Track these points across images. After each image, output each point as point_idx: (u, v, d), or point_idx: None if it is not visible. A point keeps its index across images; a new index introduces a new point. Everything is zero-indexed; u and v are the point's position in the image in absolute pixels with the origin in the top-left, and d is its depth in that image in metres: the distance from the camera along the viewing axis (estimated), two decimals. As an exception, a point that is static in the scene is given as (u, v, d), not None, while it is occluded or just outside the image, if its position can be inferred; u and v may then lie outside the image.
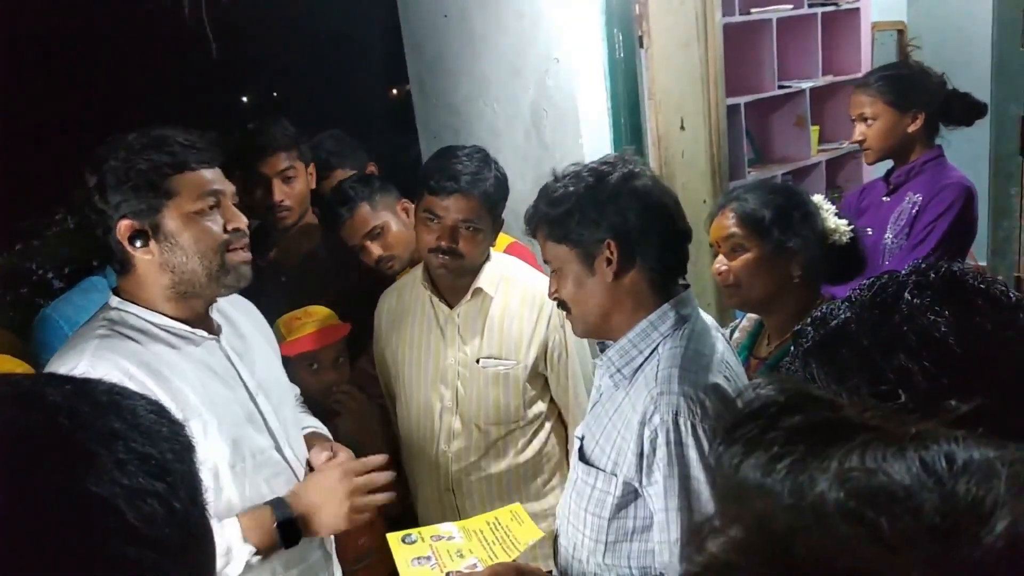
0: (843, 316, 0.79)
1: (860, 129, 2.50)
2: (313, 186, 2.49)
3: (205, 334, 1.55)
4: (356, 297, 2.38)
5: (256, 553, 1.46)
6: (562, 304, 1.51)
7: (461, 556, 1.56)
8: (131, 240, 1.45)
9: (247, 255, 1.53)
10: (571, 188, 1.44)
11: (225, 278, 1.51)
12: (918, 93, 2.44)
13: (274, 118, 2.43)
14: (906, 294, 0.76)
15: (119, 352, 1.44)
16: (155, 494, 0.56)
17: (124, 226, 1.44)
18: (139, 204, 1.43)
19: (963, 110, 2.47)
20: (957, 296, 0.76)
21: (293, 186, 2.39)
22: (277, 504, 1.51)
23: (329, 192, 2.42)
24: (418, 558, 1.57)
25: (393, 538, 1.65)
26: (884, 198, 2.54)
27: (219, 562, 1.37)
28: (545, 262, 1.53)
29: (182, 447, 0.62)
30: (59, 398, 0.58)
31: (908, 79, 2.48)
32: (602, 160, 1.50)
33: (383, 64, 3.92)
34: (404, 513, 2.17)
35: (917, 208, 2.42)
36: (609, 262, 1.41)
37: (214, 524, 1.33)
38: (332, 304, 2.27)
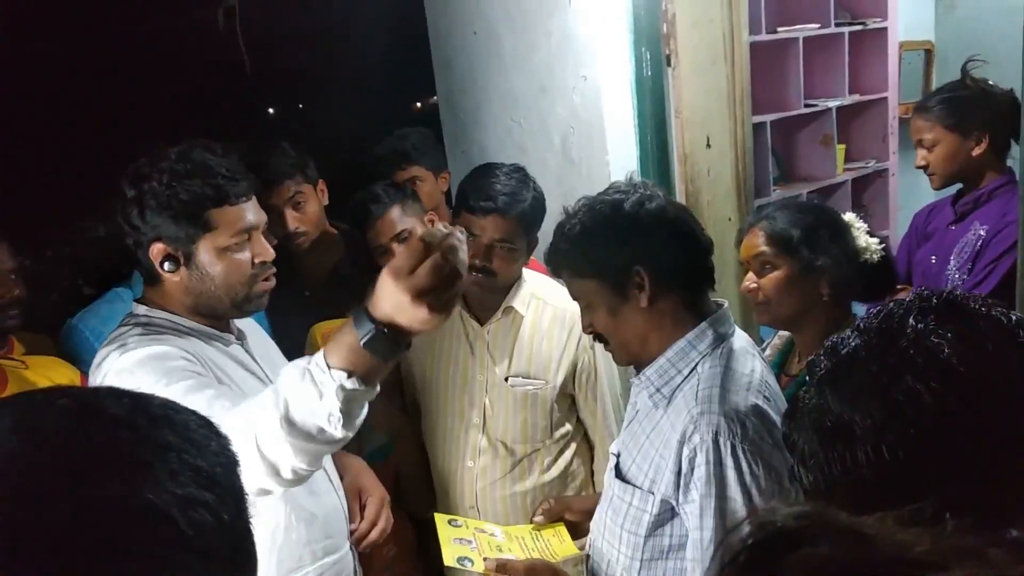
0: (853, 344, 0.83)
1: (922, 155, 2.39)
2: (326, 202, 2.48)
3: (232, 337, 1.61)
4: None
5: (350, 376, 1.17)
6: (599, 337, 1.50)
7: (500, 551, 1.60)
8: (162, 262, 1.48)
9: (269, 284, 1.58)
10: (588, 222, 1.44)
11: (246, 306, 1.57)
12: (980, 114, 2.31)
13: (273, 146, 2.41)
14: (911, 319, 0.80)
15: (164, 342, 1.47)
16: (205, 504, 0.58)
17: (157, 249, 1.48)
18: (177, 231, 1.47)
19: None
20: (959, 319, 0.79)
21: (304, 210, 2.38)
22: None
23: (360, 192, 2.42)
24: (460, 539, 1.62)
25: (440, 518, 1.70)
26: (951, 226, 2.42)
27: (313, 397, 1.16)
28: (574, 299, 1.53)
29: (229, 461, 0.65)
30: (119, 411, 0.61)
31: (968, 100, 2.34)
32: (612, 188, 1.50)
33: (411, 79, 3.95)
34: (429, 525, 2.18)
35: (981, 242, 2.28)
36: (641, 287, 1.41)
37: (291, 371, 1.20)
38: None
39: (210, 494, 0.59)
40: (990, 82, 2.43)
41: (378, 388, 1.23)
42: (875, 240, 1.81)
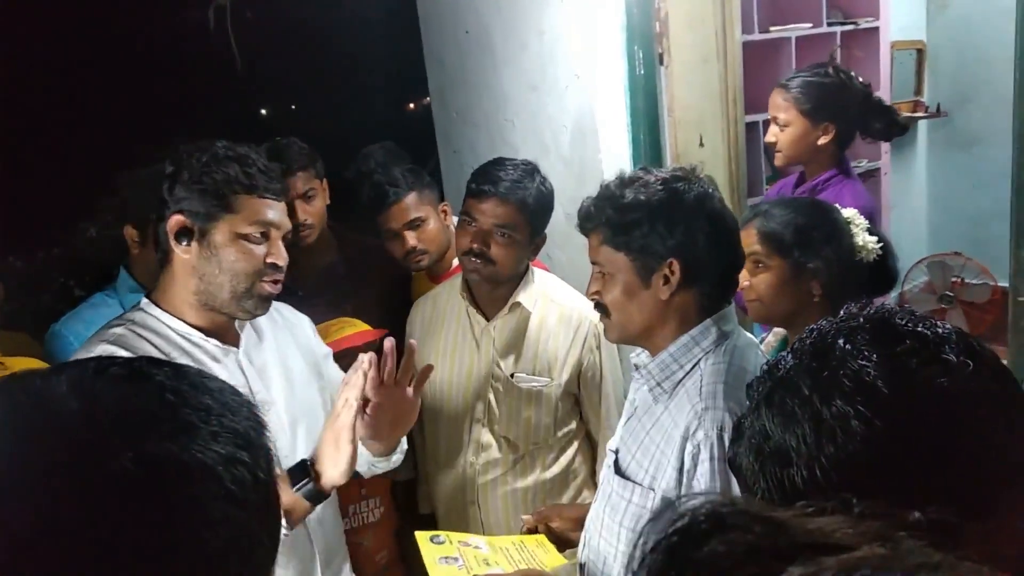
0: (788, 365, 0.83)
1: (773, 131, 2.50)
2: (328, 201, 2.50)
3: (218, 344, 1.57)
4: (376, 311, 2.38)
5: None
6: (600, 307, 1.48)
7: (487, 564, 1.57)
8: (177, 235, 1.50)
9: (273, 289, 1.57)
10: (642, 197, 1.40)
11: (246, 303, 1.54)
12: (833, 105, 2.41)
13: (287, 139, 2.42)
14: (839, 340, 0.81)
15: (129, 349, 1.47)
16: (243, 463, 0.64)
17: (175, 220, 1.50)
18: (199, 206, 1.49)
19: (884, 125, 2.50)
20: (885, 338, 0.80)
21: (314, 204, 2.40)
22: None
23: (377, 174, 2.40)
24: (445, 558, 1.58)
25: (421, 536, 1.66)
26: None
27: None
28: (593, 263, 1.49)
29: (259, 424, 0.70)
30: (163, 378, 0.66)
31: (826, 89, 2.43)
32: (672, 173, 1.45)
33: (403, 78, 3.94)
34: (425, 525, 2.17)
35: None
36: (667, 280, 1.39)
37: None
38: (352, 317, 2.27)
39: (246, 453, 0.64)
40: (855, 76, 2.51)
41: None
42: (873, 239, 1.78)
